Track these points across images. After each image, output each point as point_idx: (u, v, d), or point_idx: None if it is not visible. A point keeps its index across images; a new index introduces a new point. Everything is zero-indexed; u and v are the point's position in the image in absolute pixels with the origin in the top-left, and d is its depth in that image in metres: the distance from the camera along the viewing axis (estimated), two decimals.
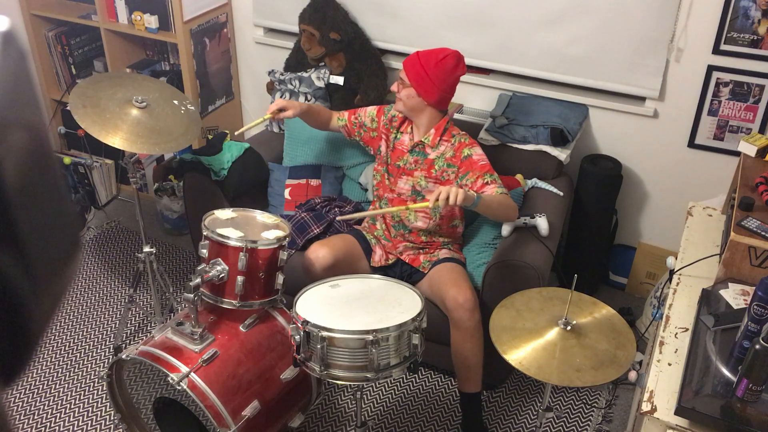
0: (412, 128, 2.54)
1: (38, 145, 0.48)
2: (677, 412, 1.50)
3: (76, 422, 2.55)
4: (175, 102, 2.52)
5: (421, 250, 2.58)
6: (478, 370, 2.39)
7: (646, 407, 1.59)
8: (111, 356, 2.83)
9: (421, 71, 2.42)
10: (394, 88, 2.52)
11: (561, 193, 2.76)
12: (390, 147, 2.57)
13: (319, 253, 2.42)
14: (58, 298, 0.50)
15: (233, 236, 2.07)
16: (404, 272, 2.56)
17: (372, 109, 2.68)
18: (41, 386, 2.69)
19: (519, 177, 2.83)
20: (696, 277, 2.01)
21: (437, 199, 2.06)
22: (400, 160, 2.53)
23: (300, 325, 1.83)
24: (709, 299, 1.79)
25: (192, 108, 2.56)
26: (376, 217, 2.66)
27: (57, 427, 2.53)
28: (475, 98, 3.14)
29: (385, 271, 2.55)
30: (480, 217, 2.77)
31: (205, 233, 2.10)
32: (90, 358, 2.83)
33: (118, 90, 2.42)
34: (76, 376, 2.74)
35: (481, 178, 2.36)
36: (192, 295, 2.02)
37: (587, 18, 2.77)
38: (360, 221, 2.81)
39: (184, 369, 1.98)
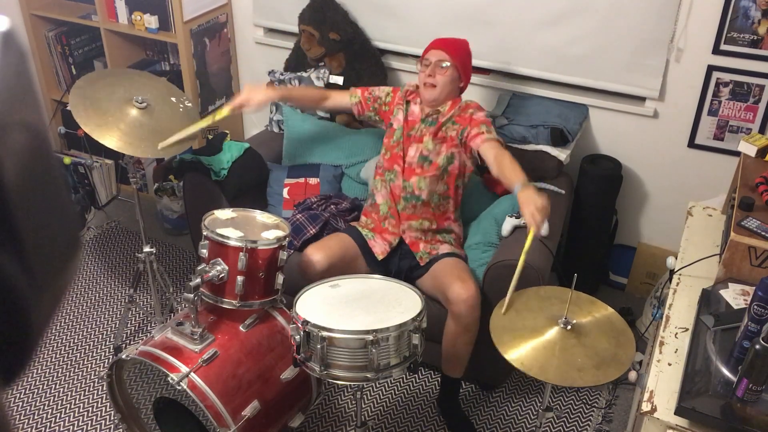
0: (420, 100, 2.57)
1: (38, 145, 0.48)
2: (677, 412, 1.50)
3: (76, 422, 2.55)
4: (173, 99, 2.52)
5: (423, 236, 2.57)
6: (465, 360, 2.44)
7: (646, 407, 1.59)
8: (111, 356, 2.83)
9: (463, 53, 2.46)
10: (428, 78, 2.44)
11: (562, 191, 2.76)
12: (405, 117, 2.60)
13: (314, 257, 2.42)
14: (58, 297, 0.50)
15: (233, 236, 2.07)
16: (403, 267, 2.55)
17: (385, 87, 2.70)
18: (41, 386, 2.69)
19: None
20: (696, 277, 2.01)
21: (536, 225, 2.04)
22: (413, 129, 2.57)
23: (300, 325, 1.83)
24: (709, 299, 1.79)
25: (190, 104, 2.57)
26: (375, 193, 2.64)
27: (57, 427, 2.53)
28: (475, 98, 3.12)
29: (386, 263, 2.55)
30: (480, 217, 2.77)
31: (205, 233, 2.10)
32: (90, 358, 2.83)
33: (117, 89, 2.42)
34: (76, 376, 2.74)
35: (477, 128, 2.43)
36: (192, 295, 2.02)
37: (587, 18, 2.77)
38: (356, 217, 2.80)
39: (184, 369, 1.98)
